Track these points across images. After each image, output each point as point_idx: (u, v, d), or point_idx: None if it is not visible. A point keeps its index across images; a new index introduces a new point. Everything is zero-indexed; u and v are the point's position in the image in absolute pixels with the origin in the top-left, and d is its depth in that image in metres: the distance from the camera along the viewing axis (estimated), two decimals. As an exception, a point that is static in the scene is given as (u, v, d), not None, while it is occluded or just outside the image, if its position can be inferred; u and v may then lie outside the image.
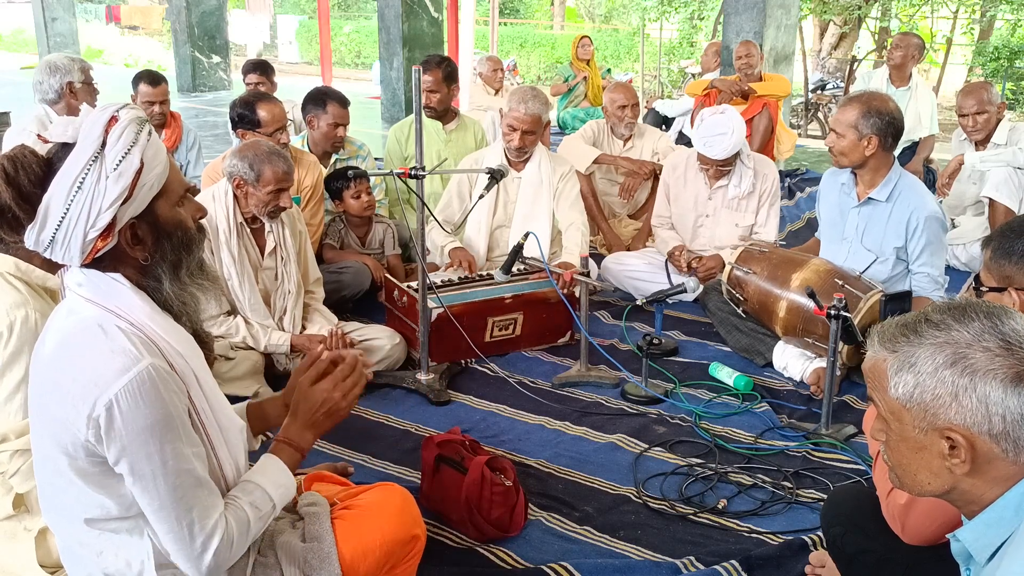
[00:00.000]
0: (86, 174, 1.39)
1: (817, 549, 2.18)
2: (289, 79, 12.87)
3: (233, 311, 3.12)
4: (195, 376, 1.51)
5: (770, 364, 3.42)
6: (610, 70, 11.35)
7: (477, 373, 3.38)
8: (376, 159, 5.00)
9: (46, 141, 1.47)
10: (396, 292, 3.49)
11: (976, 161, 4.50)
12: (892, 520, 1.66)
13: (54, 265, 1.55)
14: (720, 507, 2.45)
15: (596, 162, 4.84)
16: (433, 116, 4.71)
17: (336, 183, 3.99)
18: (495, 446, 2.76)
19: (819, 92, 10.94)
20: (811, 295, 2.93)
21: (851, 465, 2.68)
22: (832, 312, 2.74)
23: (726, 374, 3.27)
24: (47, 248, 1.42)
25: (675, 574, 2.14)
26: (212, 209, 3.03)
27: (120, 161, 1.40)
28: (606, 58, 17.18)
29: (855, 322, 2.86)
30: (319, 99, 4.06)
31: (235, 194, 3.06)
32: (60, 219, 1.39)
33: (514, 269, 3.37)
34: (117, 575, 1.51)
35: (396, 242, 4.20)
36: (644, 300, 3.61)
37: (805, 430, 2.89)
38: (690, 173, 4.15)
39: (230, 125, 3.90)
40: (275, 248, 3.17)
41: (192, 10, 12.38)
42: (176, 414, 1.42)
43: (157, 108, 4.80)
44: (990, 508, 1.17)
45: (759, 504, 2.47)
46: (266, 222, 3.13)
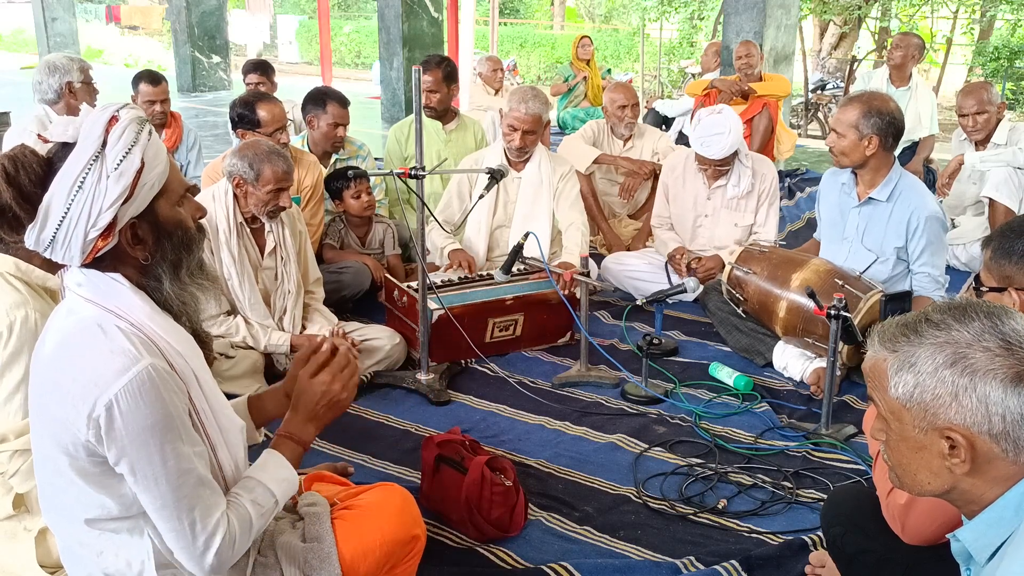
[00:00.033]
0: (87, 173, 1.39)
1: (817, 549, 2.18)
2: (289, 79, 12.87)
3: (233, 311, 3.13)
4: (195, 376, 1.51)
5: (770, 364, 3.42)
6: (610, 70, 11.35)
7: (477, 373, 3.38)
8: (376, 159, 5.00)
9: (46, 141, 1.47)
10: (396, 292, 3.50)
11: (976, 161, 4.50)
12: (892, 520, 1.66)
13: (54, 265, 1.55)
14: (720, 507, 2.45)
15: (596, 162, 4.84)
16: (433, 116, 4.71)
17: (336, 183, 3.99)
18: (495, 446, 2.76)
19: (819, 92, 10.94)
20: (811, 295, 2.93)
21: (851, 465, 2.68)
22: (832, 312, 2.74)
23: (726, 374, 3.27)
24: (47, 248, 1.42)
25: (675, 574, 2.14)
26: (212, 209, 3.03)
27: (121, 161, 1.40)
28: (606, 58, 17.17)
29: (855, 322, 2.86)
30: (319, 99, 4.06)
31: (235, 194, 3.07)
32: (61, 219, 1.39)
33: (514, 269, 3.37)
34: (117, 575, 1.51)
35: (396, 242, 4.20)
36: (644, 300, 3.61)
37: (805, 430, 2.89)
38: (689, 173, 4.15)
39: (230, 125, 3.91)
40: (275, 248, 3.17)
41: (192, 10, 12.38)
42: (176, 414, 1.42)
43: (158, 107, 4.80)
44: (990, 508, 1.17)
45: (759, 504, 2.47)
46: (266, 222, 3.13)
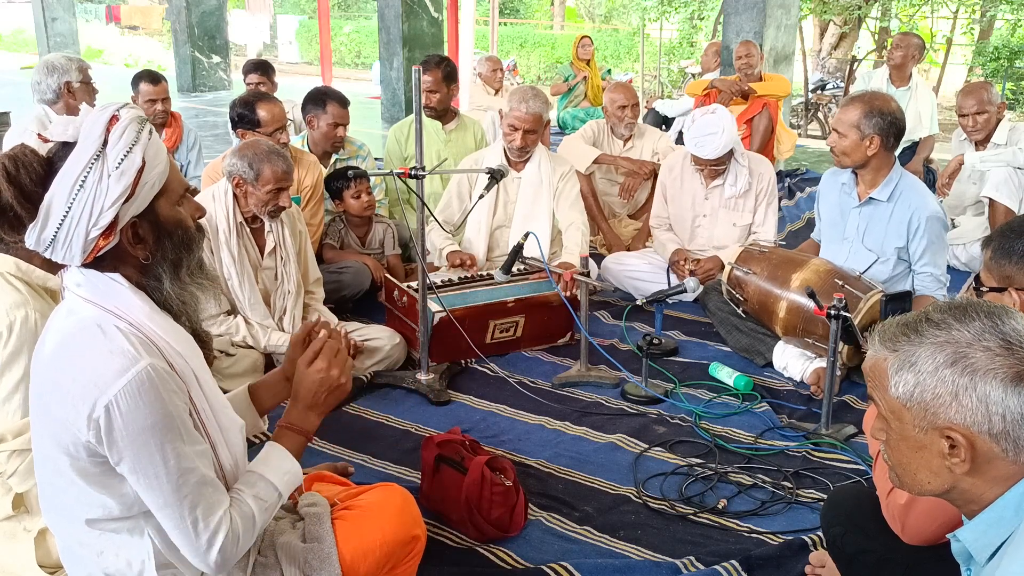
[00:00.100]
0: (88, 173, 1.39)
1: (817, 549, 2.18)
2: (289, 79, 12.86)
3: (233, 311, 3.13)
4: (195, 376, 1.51)
5: (770, 364, 3.42)
6: (610, 70, 11.35)
7: (477, 373, 3.38)
8: (376, 159, 5.00)
9: (46, 140, 1.47)
10: (396, 292, 3.49)
11: (976, 161, 4.50)
12: (892, 520, 1.66)
13: (54, 265, 1.55)
14: (720, 507, 2.45)
15: (596, 162, 4.85)
16: (433, 116, 4.71)
17: (336, 183, 3.99)
18: (495, 446, 2.76)
19: (819, 92, 10.95)
20: (811, 295, 2.93)
21: (851, 465, 2.68)
22: (832, 312, 2.74)
23: (726, 374, 3.27)
24: (48, 247, 1.42)
25: (675, 574, 2.14)
26: (212, 209, 3.03)
27: (122, 160, 1.40)
28: (606, 58, 17.18)
29: (855, 322, 2.86)
30: (319, 99, 4.06)
31: (235, 194, 3.06)
32: (62, 218, 1.39)
33: (514, 269, 3.37)
34: (117, 575, 1.51)
35: (396, 242, 4.20)
36: (644, 300, 3.61)
37: (805, 430, 2.89)
38: (686, 174, 4.15)
39: (230, 125, 3.91)
40: (275, 248, 3.17)
41: (192, 10, 12.38)
42: (176, 414, 1.42)
43: (159, 106, 4.79)
44: (990, 508, 1.17)
45: (759, 504, 2.47)
46: (267, 221, 3.13)
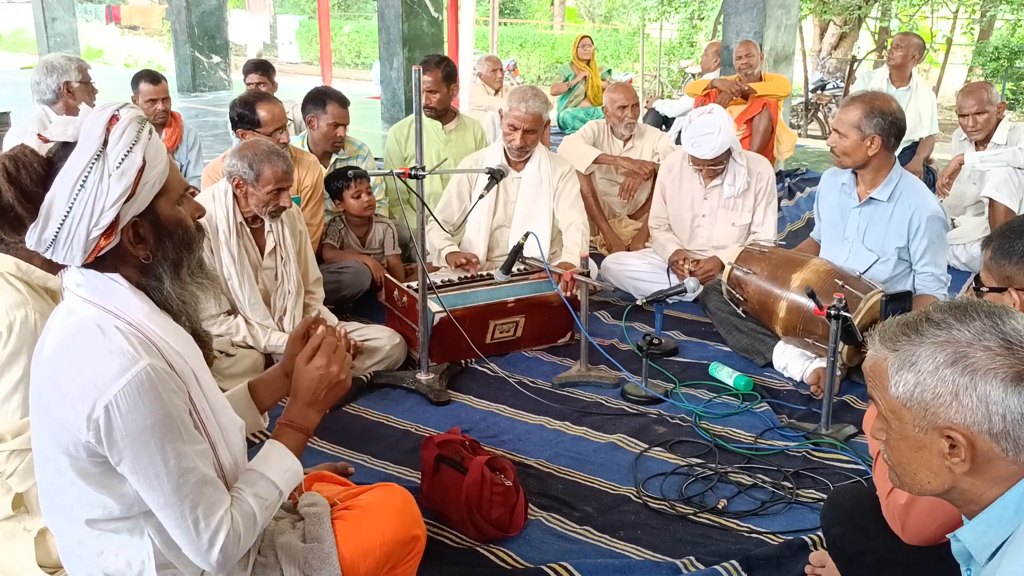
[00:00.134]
0: (89, 172, 1.39)
1: (817, 549, 2.18)
2: (289, 79, 12.85)
3: (233, 311, 3.13)
4: (194, 376, 1.51)
5: (770, 364, 3.42)
6: (611, 71, 11.35)
7: (477, 373, 3.38)
8: (376, 159, 5.00)
9: (46, 140, 1.47)
10: (396, 292, 3.49)
11: (976, 161, 4.50)
12: (892, 520, 1.65)
13: (55, 266, 1.55)
14: (720, 507, 2.45)
15: (596, 162, 4.85)
16: (433, 116, 4.71)
17: (336, 183, 3.99)
18: (495, 446, 2.76)
19: (819, 92, 10.95)
20: (811, 295, 2.93)
21: (851, 465, 2.68)
22: (832, 312, 2.74)
23: (726, 374, 3.27)
24: (49, 247, 1.42)
25: (675, 574, 2.14)
26: (212, 209, 3.03)
27: (123, 159, 1.40)
28: (606, 58, 17.18)
29: (855, 322, 2.86)
30: (319, 99, 4.06)
31: (235, 194, 3.06)
32: (63, 218, 1.39)
33: (514, 269, 3.37)
34: (117, 575, 1.51)
35: (396, 242, 4.20)
36: (644, 300, 3.61)
37: (805, 430, 2.88)
38: (685, 174, 4.15)
39: (230, 125, 3.90)
40: (275, 248, 3.17)
41: (192, 10, 12.38)
42: (176, 414, 1.42)
43: (159, 106, 4.79)
44: (990, 508, 1.17)
45: (759, 504, 2.47)
46: (267, 221, 3.13)
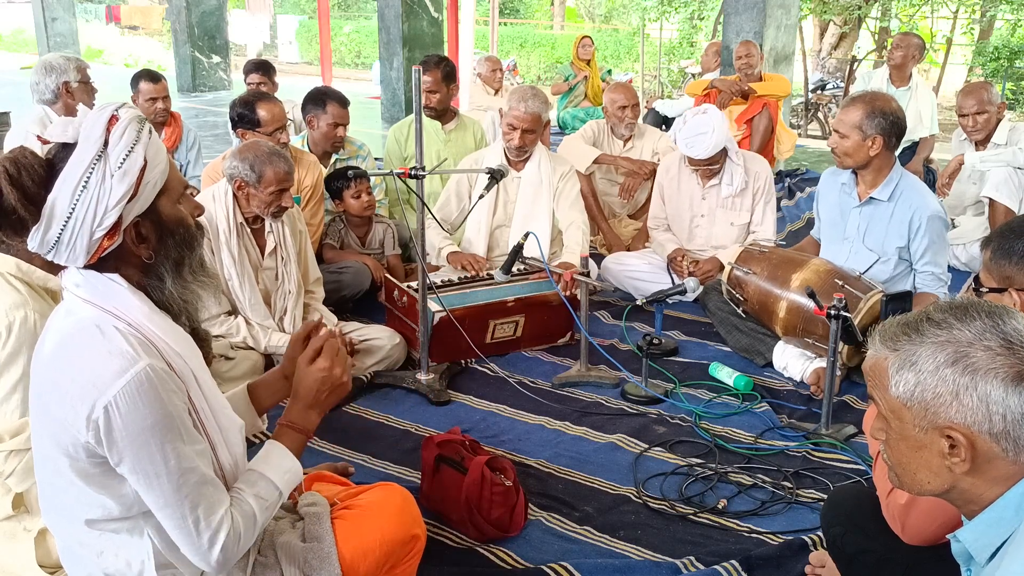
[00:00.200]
0: (91, 173, 1.39)
1: (817, 549, 2.18)
2: (289, 79, 12.83)
3: (233, 311, 3.12)
4: (194, 376, 1.50)
5: (770, 364, 3.42)
6: (611, 71, 11.35)
7: (477, 373, 3.38)
8: (376, 159, 5.00)
9: (45, 142, 1.47)
10: (396, 292, 3.49)
11: (976, 161, 4.50)
12: (892, 520, 1.65)
13: (55, 266, 1.55)
14: (720, 507, 2.45)
15: (596, 162, 4.85)
16: (432, 116, 4.71)
17: (336, 183, 3.99)
18: (495, 446, 2.76)
19: (819, 92, 10.95)
20: (811, 295, 2.93)
21: (851, 465, 2.68)
22: (832, 312, 2.74)
23: (726, 374, 3.27)
24: (52, 249, 1.42)
25: (675, 574, 2.14)
26: (212, 209, 3.03)
27: (124, 159, 1.41)
28: (606, 58, 17.18)
29: (855, 322, 2.86)
30: (319, 99, 4.06)
31: (235, 195, 3.06)
32: (65, 219, 1.39)
33: (514, 269, 3.37)
34: (117, 575, 1.51)
35: (396, 242, 4.20)
36: (644, 300, 3.61)
37: (805, 430, 2.88)
38: (683, 174, 4.16)
39: (230, 125, 3.90)
40: (275, 248, 3.17)
41: (192, 10, 12.38)
42: (176, 414, 1.42)
43: (159, 104, 4.78)
44: (990, 508, 1.17)
45: (759, 504, 2.47)
46: (269, 221, 3.13)
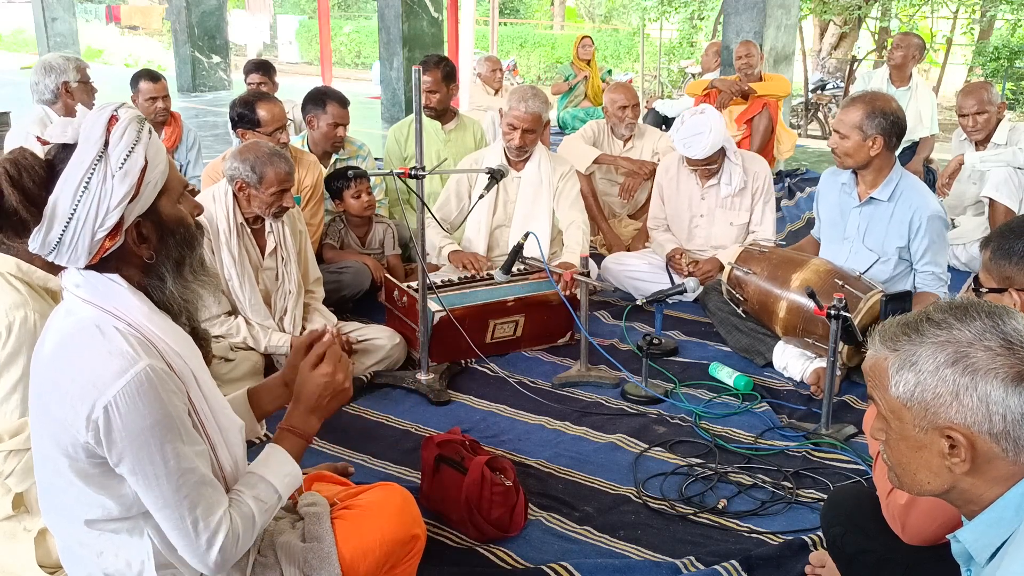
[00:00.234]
0: (92, 174, 1.39)
1: (817, 549, 2.18)
2: (289, 79, 12.83)
3: (233, 311, 3.12)
4: (194, 376, 1.50)
5: (770, 364, 3.42)
6: (611, 71, 11.35)
7: (477, 373, 3.38)
8: (376, 159, 5.00)
9: (45, 143, 1.46)
10: (396, 292, 3.49)
11: (976, 161, 4.50)
12: (892, 520, 1.65)
13: (56, 266, 1.54)
14: (720, 507, 2.45)
15: (596, 162, 4.85)
16: (432, 116, 4.71)
17: (336, 183, 3.99)
18: (495, 446, 2.76)
19: (819, 92, 10.95)
20: (811, 295, 2.93)
21: (851, 465, 2.68)
22: (832, 312, 2.74)
23: (726, 374, 3.27)
24: (53, 250, 1.42)
25: (675, 574, 2.14)
26: (212, 209, 3.03)
27: (125, 160, 1.40)
28: (606, 58, 17.18)
29: (855, 322, 2.86)
30: (319, 99, 4.06)
31: (236, 195, 3.06)
32: (67, 220, 1.39)
33: (514, 269, 3.36)
34: (117, 575, 1.51)
35: (396, 242, 4.20)
36: (644, 300, 3.61)
37: (805, 430, 2.88)
38: (682, 174, 4.16)
39: (230, 125, 3.90)
40: (275, 248, 3.17)
41: (192, 10, 12.38)
42: (175, 414, 1.42)
43: (160, 104, 4.78)
44: (990, 508, 1.17)
45: (759, 504, 2.47)
46: (270, 222, 3.13)
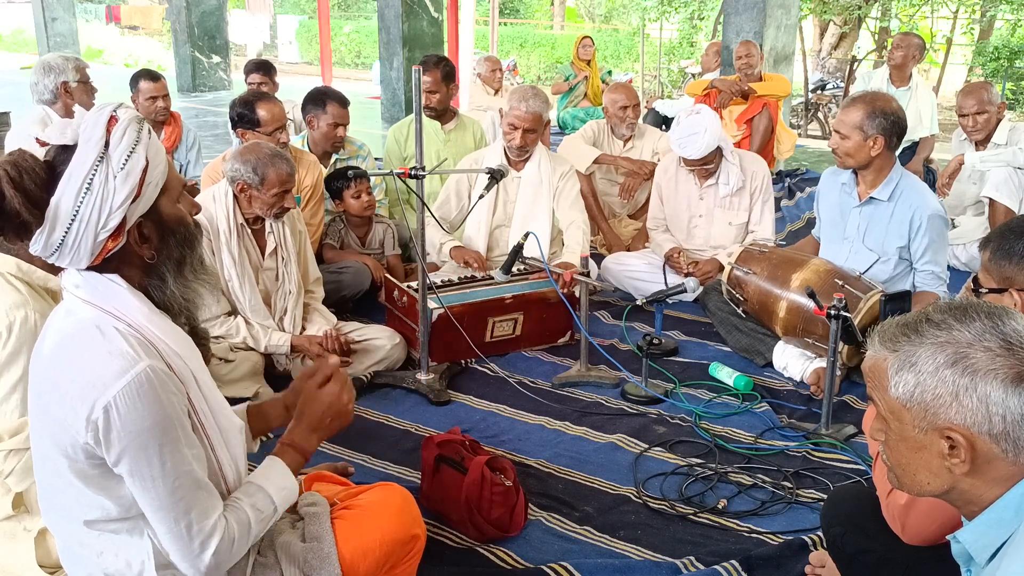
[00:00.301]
0: (94, 175, 1.39)
1: (817, 549, 2.18)
2: (289, 79, 12.82)
3: (233, 311, 3.12)
4: (193, 377, 1.50)
5: (770, 364, 3.42)
6: (611, 71, 11.35)
7: (477, 373, 3.38)
8: (376, 159, 5.00)
9: (44, 144, 1.46)
10: (396, 292, 3.49)
11: (976, 161, 4.50)
12: (892, 520, 1.65)
13: (56, 267, 1.54)
14: (720, 507, 2.45)
15: (596, 162, 4.85)
16: (432, 116, 4.71)
17: (336, 183, 3.99)
18: (495, 446, 2.76)
19: (819, 92, 10.95)
20: (811, 295, 2.93)
21: (851, 465, 2.68)
22: (832, 312, 2.74)
23: (726, 374, 3.27)
24: (55, 252, 1.41)
25: (675, 574, 2.14)
26: (212, 210, 3.03)
27: (126, 160, 1.40)
28: (606, 58, 17.17)
29: (855, 322, 2.85)
30: (319, 99, 4.06)
31: (236, 196, 3.06)
32: (70, 222, 1.39)
33: (514, 269, 3.36)
34: (117, 575, 1.51)
35: (396, 242, 4.20)
36: (644, 300, 3.60)
37: (805, 430, 2.88)
38: (681, 174, 4.16)
39: (230, 125, 3.90)
40: (275, 248, 3.17)
41: (192, 10, 12.37)
42: (175, 415, 1.42)
43: (160, 103, 4.78)
44: (990, 509, 1.17)
45: (759, 504, 2.47)
46: (271, 222, 3.13)
